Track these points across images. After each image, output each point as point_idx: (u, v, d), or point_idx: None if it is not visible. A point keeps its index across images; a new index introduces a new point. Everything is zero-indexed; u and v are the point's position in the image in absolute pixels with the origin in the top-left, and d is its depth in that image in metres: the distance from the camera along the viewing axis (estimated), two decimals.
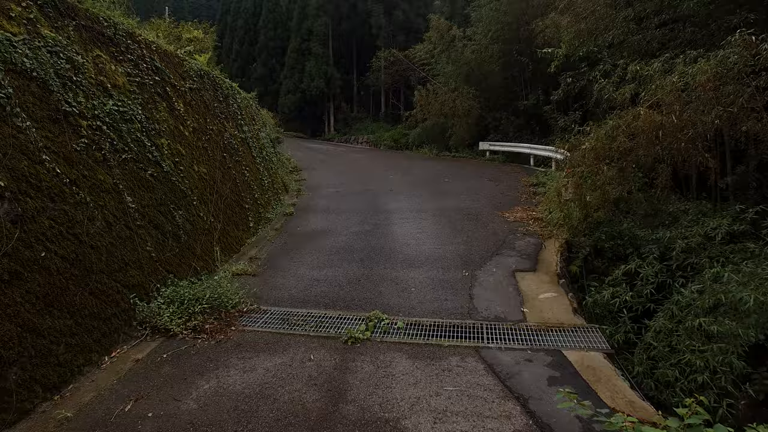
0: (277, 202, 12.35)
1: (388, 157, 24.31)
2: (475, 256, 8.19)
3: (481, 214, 11.04)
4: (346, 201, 12.92)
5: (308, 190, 14.66)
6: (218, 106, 10.35)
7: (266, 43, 37.51)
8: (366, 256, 8.29)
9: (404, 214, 11.16)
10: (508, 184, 14.62)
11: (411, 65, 29.02)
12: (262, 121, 14.99)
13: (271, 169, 13.19)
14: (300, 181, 16.12)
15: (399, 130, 30.22)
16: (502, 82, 22.99)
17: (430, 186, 14.76)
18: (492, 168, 18.61)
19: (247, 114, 12.71)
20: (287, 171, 16.39)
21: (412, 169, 18.66)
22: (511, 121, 22.38)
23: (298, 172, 17.76)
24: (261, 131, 13.76)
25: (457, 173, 17.27)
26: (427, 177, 16.48)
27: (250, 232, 9.73)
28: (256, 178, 11.36)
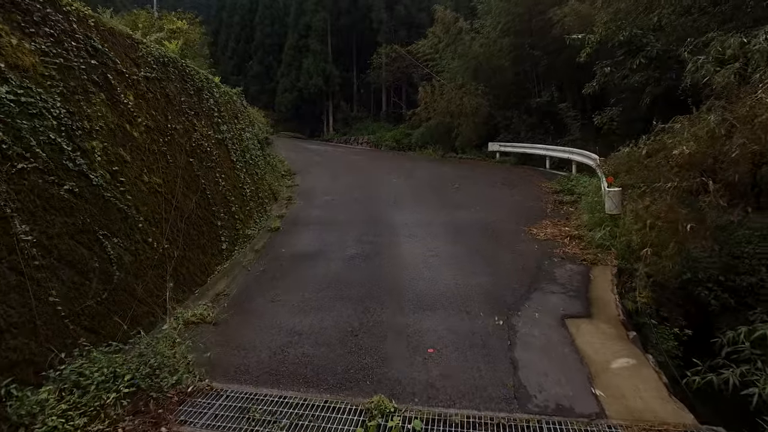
0: (262, 213, 10.37)
1: (390, 158, 22.31)
2: (507, 291, 6.20)
3: (504, 229, 9.07)
4: (342, 211, 10.94)
5: (301, 197, 12.68)
6: (187, 101, 8.36)
7: (263, 40, 35.44)
8: (365, 292, 6.30)
9: (411, 229, 9.18)
10: (528, 191, 12.63)
11: (414, 61, 26.99)
12: (248, 119, 13.01)
13: (256, 174, 11.20)
14: (292, 187, 14.14)
15: (401, 130, 28.20)
16: (512, 78, 20.99)
17: (438, 193, 12.79)
18: (504, 171, 16.61)
19: (228, 111, 10.73)
20: (278, 176, 14.41)
21: (417, 172, 16.66)
22: (523, 120, 20.37)
23: (291, 177, 15.76)
24: (246, 131, 11.78)
25: (467, 177, 15.28)
26: (434, 181, 14.50)
27: (222, 256, 7.74)
28: (235, 187, 9.38)
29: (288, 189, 13.79)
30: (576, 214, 9.90)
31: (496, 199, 11.72)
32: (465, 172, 16.45)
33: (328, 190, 13.57)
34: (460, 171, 16.86)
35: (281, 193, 12.94)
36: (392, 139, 27.77)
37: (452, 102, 20.39)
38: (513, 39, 20.59)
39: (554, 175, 15.37)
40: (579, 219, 9.31)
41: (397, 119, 31.66)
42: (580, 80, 20.15)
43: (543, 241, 8.29)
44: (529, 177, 15.05)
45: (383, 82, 31.27)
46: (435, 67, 25.02)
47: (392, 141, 27.62)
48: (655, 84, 9.22)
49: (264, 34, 35.38)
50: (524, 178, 14.78)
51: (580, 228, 8.72)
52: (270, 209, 11.09)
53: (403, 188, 13.57)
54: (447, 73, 22.35)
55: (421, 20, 30.84)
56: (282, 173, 15.79)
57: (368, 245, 8.22)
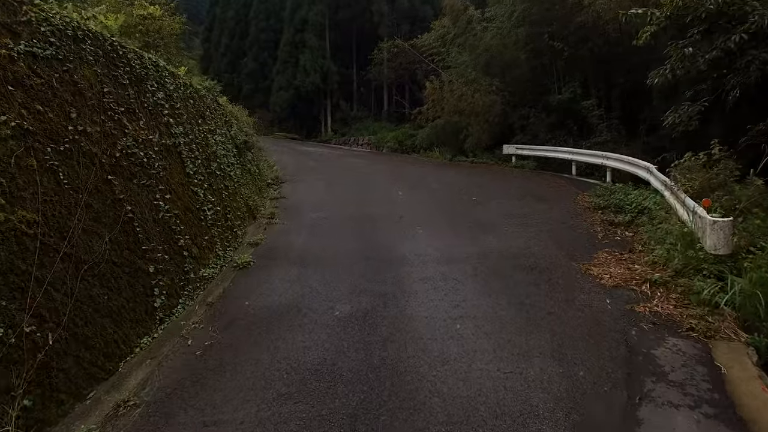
0: (230, 241, 7.82)
1: (393, 162, 19.77)
2: (595, 403, 3.67)
3: (552, 267, 6.52)
4: (335, 236, 8.40)
5: (286, 214, 10.14)
6: (114, 93, 5.79)
7: (257, 36, 32.88)
8: (363, 401, 3.77)
9: (426, 268, 6.63)
10: (564, 206, 10.07)
11: (418, 56, 24.40)
12: (222, 119, 10.47)
13: (226, 189, 8.66)
14: (278, 199, 11.60)
15: (404, 131, 25.64)
16: (529, 72, 18.40)
17: (455, 208, 10.24)
18: (526, 179, 14.06)
19: (189, 109, 8.17)
20: (261, 186, 11.87)
21: (425, 180, 14.12)
22: (542, 119, 17.79)
23: (279, 186, 13.23)
24: (216, 133, 9.23)
25: (485, 186, 12.74)
26: (448, 193, 11.96)
27: (154, 319, 5.17)
28: (189, 210, 6.82)
29: (272, 203, 11.25)
30: (640, 242, 7.35)
31: (528, 218, 9.18)
32: (481, 180, 13.91)
33: (320, 203, 11.03)
34: (475, 178, 14.33)
35: (262, 209, 10.40)
36: (394, 140, 25.23)
37: (463, 99, 17.81)
38: (530, 29, 18.01)
39: (586, 184, 12.82)
40: (650, 252, 6.76)
41: (399, 119, 29.12)
42: (607, 74, 17.63)
43: (613, 289, 5.74)
44: (557, 186, 12.50)
45: (385, 79, 28.71)
46: (441, 62, 22.44)
47: (394, 142, 25.09)
48: (751, 70, 6.63)
49: (259, 30, 32.84)
50: (553, 188, 12.23)
51: (659, 268, 6.18)
52: (243, 233, 8.55)
53: (411, 202, 11.02)
54: (455, 69, 19.76)
55: (425, 13, 28.29)
56: (269, 181, 13.26)
57: (367, 297, 5.67)
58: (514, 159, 17.42)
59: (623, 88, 16.85)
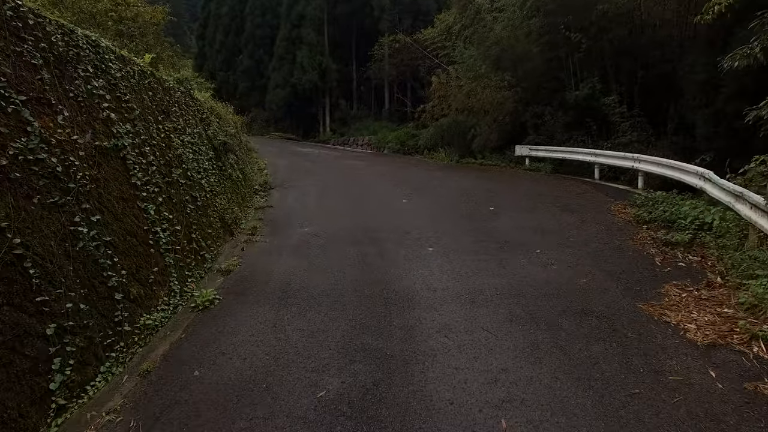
0: (195, 267, 6.10)
1: (395, 164, 18.04)
2: None
3: (612, 311, 4.79)
4: (326, 261, 6.67)
5: (270, 229, 8.42)
6: (12, 76, 4.10)
7: (253, 32, 31.11)
8: None
9: (444, 311, 4.91)
10: (600, 219, 8.34)
11: (421, 50, 22.63)
12: (198, 116, 8.74)
13: (194, 202, 6.92)
14: (264, 209, 9.88)
15: (406, 130, 23.92)
16: (543, 67, 16.64)
17: (472, 221, 8.51)
18: (545, 184, 12.34)
19: (146, 103, 6.44)
20: (246, 194, 10.16)
21: (432, 184, 12.40)
22: (557, 117, 16.06)
23: (267, 193, 11.51)
24: (184, 133, 7.50)
25: (502, 193, 11.01)
26: (459, 201, 10.24)
27: (43, 414, 3.42)
28: (132, 233, 5.09)
29: (257, 213, 9.53)
30: (716, 272, 5.64)
31: (561, 234, 7.46)
32: (495, 184, 12.18)
33: (311, 214, 9.30)
34: (488, 182, 12.60)
35: (244, 222, 8.69)
36: (396, 140, 23.52)
37: (471, 96, 16.07)
38: (544, 19, 16.28)
39: (615, 190, 11.11)
40: (738, 288, 5.05)
41: (401, 118, 27.38)
42: (630, 68, 15.89)
43: (710, 351, 4.01)
44: (583, 193, 10.77)
45: (386, 76, 26.96)
46: (446, 57, 20.71)
47: (396, 142, 23.37)
48: None
49: (255, 26, 31.08)
50: (579, 195, 10.50)
51: (762, 313, 4.47)
52: (214, 256, 6.82)
53: (418, 212, 9.30)
54: (462, 64, 17.97)
55: (428, 7, 26.53)
56: (256, 188, 11.55)
57: (364, 364, 3.95)
58: (527, 161, 15.69)
59: (647, 82, 15.13)
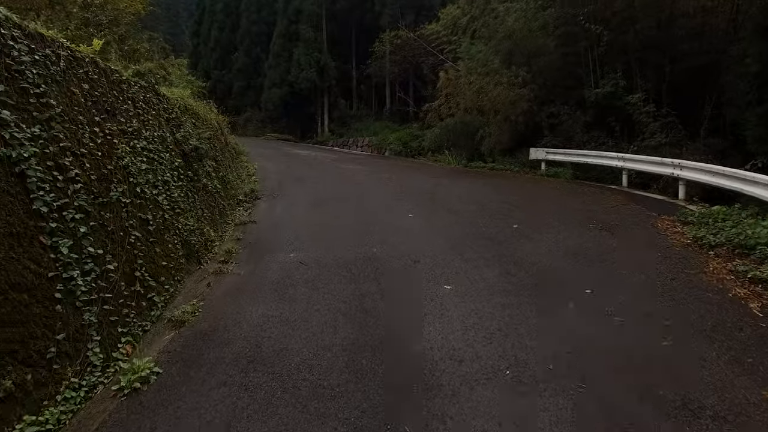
0: (133, 324, 4.46)
1: (398, 168, 16.38)
2: None
3: (732, 408, 3.20)
4: (313, 308, 4.97)
5: (248, 254, 6.77)
6: None
7: (249, 29, 29.41)
8: None
9: (476, 400, 3.28)
10: (650, 241, 6.68)
11: (425, 45, 20.95)
12: (164, 116, 7.09)
13: (144, 227, 5.27)
14: (245, 225, 8.24)
15: (408, 131, 22.28)
16: (559, 62, 14.97)
17: (495, 247, 6.78)
18: (570, 193, 10.68)
19: (76, 99, 4.80)
20: (225, 207, 8.52)
21: (441, 194, 10.76)
22: (576, 117, 14.43)
23: (253, 204, 9.87)
24: (138, 138, 5.85)
25: (524, 205, 9.34)
26: (475, 215, 8.57)
27: None
28: (21, 287, 3.46)
29: (236, 231, 7.90)
30: None
31: (608, 263, 5.82)
32: (513, 195, 10.52)
33: (301, 234, 7.64)
34: (504, 192, 10.94)
35: (218, 244, 7.06)
36: (398, 141, 21.86)
37: (482, 93, 14.42)
38: (560, 9, 14.66)
39: (652, 201, 9.49)
40: None
41: (403, 118, 25.72)
42: (657, 62, 14.24)
43: None
44: (617, 205, 9.12)
45: (387, 74, 25.30)
46: (452, 53, 19.04)
47: (398, 144, 21.72)
48: None
49: (250, 22, 29.39)
50: (613, 208, 8.85)
51: None
52: (169, 296, 5.19)
53: (427, 231, 7.64)
54: (469, 60, 16.27)
55: (432, 1, 24.83)
56: (240, 198, 9.92)
57: None
58: (543, 165, 14.05)
59: (677, 78, 13.50)
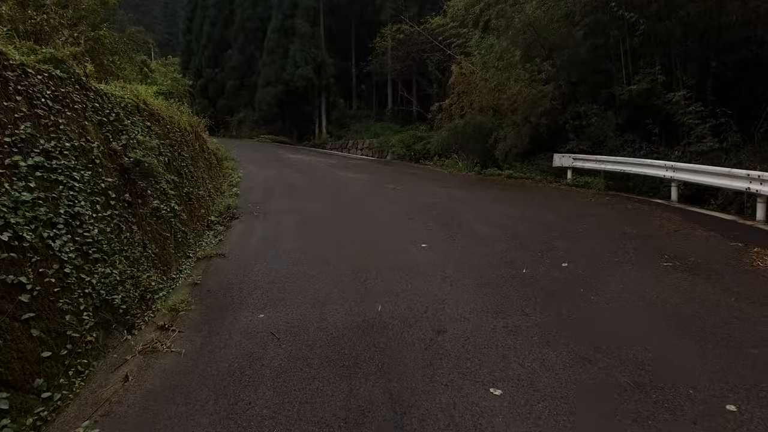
0: None
1: (403, 176, 14.30)
2: None
3: None
4: None
5: (201, 311, 4.74)
6: None
7: (243, 24, 27.31)
8: None
9: None
10: (761, 291, 4.72)
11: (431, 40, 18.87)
12: (95, 118, 5.07)
13: (12, 300, 3.29)
14: (209, 261, 6.19)
15: (412, 133, 20.24)
16: (586, 55, 12.95)
17: (548, 305, 4.69)
18: (616, 212, 8.63)
19: None
20: (184, 236, 6.48)
21: (457, 213, 8.70)
22: (607, 118, 12.40)
23: (227, 226, 7.83)
24: (30, 151, 3.85)
25: (567, 233, 7.24)
26: (508, 249, 6.48)
27: None
28: None
29: (195, 270, 5.84)
30: None
31: (728, 340, 3.82)
32: (547, 214, 8.45)
33: (280, 277, 5.56)
34: (534, 209, 8.88)
35: (165, 294, 5.03)
36: (401, 144, 19.83)
37: (501, 90, 12.38)
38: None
39: (721, 222, 7.46)
40: None
41: (405, 118, 23.66)
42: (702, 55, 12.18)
43: None
44: (686, 232, 7.03)
45: (389, 72, 23.22)
46: (460, 47, 16.99)
47: (401, 146, 19.68)
48: None
49: (244, 18, 27.26)
50: (684, 237, 6.79)
51: None
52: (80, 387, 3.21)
53: (449, 274, 5.54)
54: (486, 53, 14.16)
55: None
56: (212, 219, 7.90)
57: None
58: (569, 174, 12.03)
59: (725, 73, 11.44)
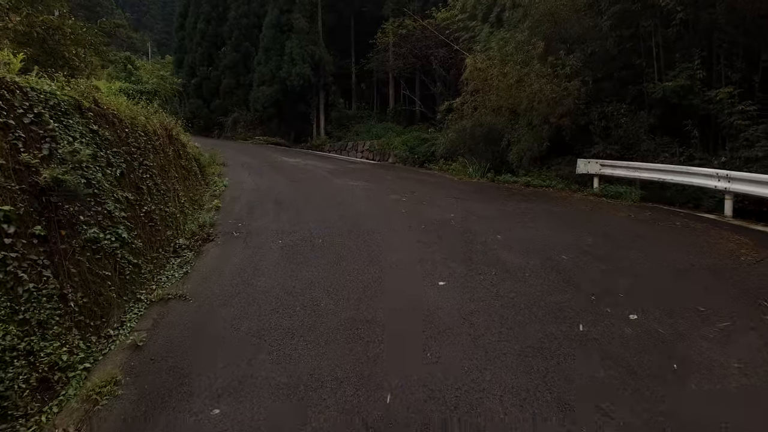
0: None
1: (409, 184, 12.73)
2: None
3: None
4: None
5: (131, 395, 3.27)
6: None
7: (238, 21, 25.76)
8: None
9: None
10: None
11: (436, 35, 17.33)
12: None
13: None
14: (164, 305, 4.69)
15: (416, 134, 18.71)
16: (614, 49, 11.42)
17: (636, 392, 3.24)
18: (662, 230, 7.10)
19: None
20: (140, 269, 4.99)
21: (477, 231, 7.15)
22: (639, 119, 10.88)
23: (197, 252, 6.30)
24: None
25: (615, 261, 5.72)
26: (549, 285, 4.97)
27: None
28: None
29: (142, 322, 4.34)
30: None
31: None
32: (584, 234, 6.88)
33: (250, 340, 4.05)
34: (567, 226, 7.34)
35: (90, 366, 3.53)
36: (403, 146, 18.26)
37: (522, 87, 10.86)
38: None
39: None
40: None
41: (408, 119, 22.13)
42: (750, 47, 10.69)
43: None
44: (759, 257, 5.59)
45: (390, 70, 21.68)
46: (468, 42, 15.47)
47: (403, 149, 18.12)
48: None
49: (240, 13, 25.68)
50: (761, 264, 5.33)
51: None
52: None
53: (483, 338, 4.00)
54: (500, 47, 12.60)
55: None
56: (180, 242, 6.39)
57: None
58: (596, 182, 10.53)
59: None
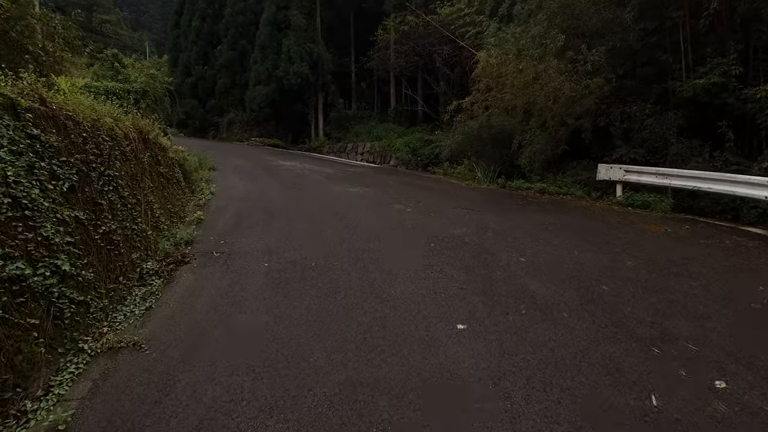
0: None
1: (413, 191, 11.65)
2: None
3: None
4: None
5: None
6: None
7: (234, 18, 24.66)
8: None
9: None
10: None
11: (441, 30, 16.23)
12: None
13: None
14: (112, 356, 3.62)
15: (418, 135, 17.64)
16: (637, 44, 10.35)
17: None
18: (719, 252, 5.99)
19: None
20: (88, 307, 3.93)
21: (495, 251, 6.07)
22: (666, 120, 9.81)
23: (168, 277, 5.25)
24: None
25: (675, 297, 4.69)
26: (603, 339, 3.85)
27: None
28: None
29: (57, 409, 3.27)
30: None
31: None
32: (623, 257, 5.79)
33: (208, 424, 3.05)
34: (597, 246, 6.23)
35: None
36: (406, 147, 17.19)
37: (539, 85, 9.77)
38: None
39: None
40: None
41: (410, 119, 21.04)
42: None
43: None
44: None
45: (391, 68, 20.58)
46: (475, 38, 14.38)
47: (406, 151, 17.04)
48: None
49: (236, 10, 24.58)
50: None
51: None
52: None
53: (521, 421, 3.05)
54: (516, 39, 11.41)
55: None
56: (147, 267, 5.31)
57: None
58: (619, 189, 9.47)
59: None
